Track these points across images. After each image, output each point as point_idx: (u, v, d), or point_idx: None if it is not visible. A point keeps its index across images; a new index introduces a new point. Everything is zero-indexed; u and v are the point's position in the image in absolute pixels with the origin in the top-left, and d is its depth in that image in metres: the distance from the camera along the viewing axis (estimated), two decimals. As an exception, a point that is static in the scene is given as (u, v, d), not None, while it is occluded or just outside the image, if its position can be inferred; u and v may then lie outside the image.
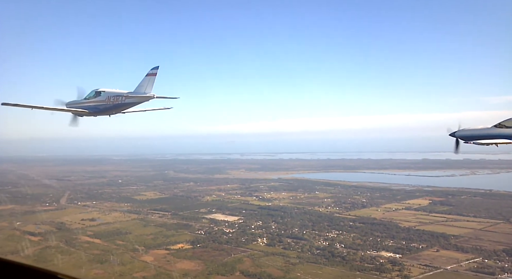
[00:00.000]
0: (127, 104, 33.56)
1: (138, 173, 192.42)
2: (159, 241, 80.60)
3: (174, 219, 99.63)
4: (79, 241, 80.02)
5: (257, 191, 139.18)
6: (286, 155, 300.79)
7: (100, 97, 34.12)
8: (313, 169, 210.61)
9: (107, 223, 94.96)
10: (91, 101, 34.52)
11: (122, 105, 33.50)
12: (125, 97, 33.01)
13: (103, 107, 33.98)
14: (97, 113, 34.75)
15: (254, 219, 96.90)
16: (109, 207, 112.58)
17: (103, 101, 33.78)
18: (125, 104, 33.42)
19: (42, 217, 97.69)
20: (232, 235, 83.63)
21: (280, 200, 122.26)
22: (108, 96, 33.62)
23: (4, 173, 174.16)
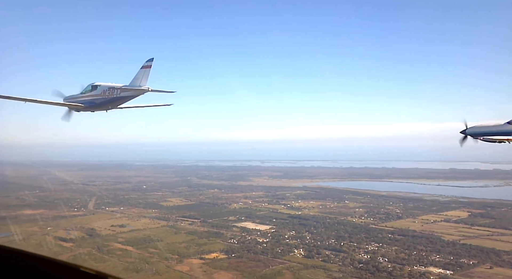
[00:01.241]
0: (122, 98, 32.72)
1: (161, 179, 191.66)
2: (192, 250, 78.27)
3: (204, 227, 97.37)
4: (111, 248, 78.38)
5: (284, 199, 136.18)
6: (307, 163, 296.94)
7: (96, 91, 33.48)
8: (337, 178, 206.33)
9: (137, 229, 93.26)
10: (87, 95, 33.89)
11: (117, 99, 32.76)
12: (120, 90, 32.25)
13: (99, 101, 33.29)
14: (93, 108, 34.02)
15: (286, 229, 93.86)
16: (137, 213, 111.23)
17: (99, 95, 33.17)
18: (120, 97, 32.64)
19: (72, 223, 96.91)
20: (266, 245, 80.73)
21: (309, 209, 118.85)
22: (104, 90, 33.00)
23: (31, 178, 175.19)
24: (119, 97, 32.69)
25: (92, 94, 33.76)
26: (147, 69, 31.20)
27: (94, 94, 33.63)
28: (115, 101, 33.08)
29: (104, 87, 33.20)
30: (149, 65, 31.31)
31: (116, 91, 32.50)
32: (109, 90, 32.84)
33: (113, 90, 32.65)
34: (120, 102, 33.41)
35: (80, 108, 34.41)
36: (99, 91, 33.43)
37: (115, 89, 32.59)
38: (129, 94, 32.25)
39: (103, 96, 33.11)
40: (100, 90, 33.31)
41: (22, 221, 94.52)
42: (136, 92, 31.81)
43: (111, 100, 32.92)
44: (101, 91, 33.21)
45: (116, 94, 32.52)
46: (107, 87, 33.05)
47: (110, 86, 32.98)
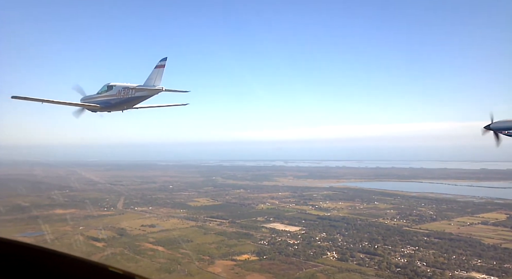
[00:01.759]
0: (137, 98, 32.73)
1: (187, 179, 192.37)
2: (223, 251, 77.53)
3: (232, 228, 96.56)
4: (142, 248, 78.44)
5: (311, 199, 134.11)
6: (332, 163, 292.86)
7: (112, 91, 33.59)
8: (364, 178, 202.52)
9: (166, 230, 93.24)
10: (103, 96, 34.07)
11: (132, 99, 32.82)
12: (135, 90, 32.34)
13: (114, 101, 33.43)
14: (109, 108, 34.17)
15: (317, 230, 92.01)
16: (165, 213, 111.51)
17: (114, 95, 33.30)
18: (135, 97, 32.67)
19: (103, 222, 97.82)
20: (298, 247, 79.12)
21: (338, 210, 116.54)
22: (119, 90, 33.12)
23: (60, 178, 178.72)
24: (134, 97, 32.73)
25: (107, 95, 33.88)
26: (161, 69, 31.17)
27: (109, 94, 33.76)
28: (130, 101, 33.12)
29: (119, 87, 33.29)
30: (162, 64, 31.26)
31: (131, 91, 32.59)
32: (124, 90, 32.92)
33: (128, 90, 32.74)
34: (135, 102, 33.39)
35: (96, 108, 34.53)
36: (114, 91, 33.53)
37: (129, 89, 32.66)
38: (143, 94, 32.24)
39: (118, 96, 33.21)
40: (116, 90, 33.41)
41: (54, 220, 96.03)
42: (150, 92, 31.73)
43: (126, 100, 33.02)
44: (117, 91, 33.32)
45: (131, 94, 32.62)
46: (122, 87, 33.14)
47: (124, 86, 33.07)
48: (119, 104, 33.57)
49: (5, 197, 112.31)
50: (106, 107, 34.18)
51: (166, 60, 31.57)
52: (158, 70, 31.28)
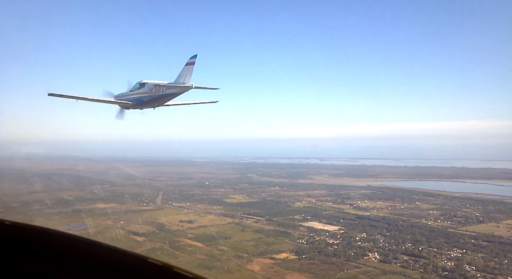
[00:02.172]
0: (168, 95, 32.96)
1: (222, 175, 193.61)
2: (261, 249, 76.98)
3: (270, 225, 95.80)
4: (182, 244, 79.24)
5: (349, 198, 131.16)
6: (368, 161, 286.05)
7: (143, 89, 34.14)
8: (403, 177, 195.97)
9: (204, 226, 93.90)
10: (135, 93, 34.60)
11: (163, 96, 33.10)
12: (166, 87, 32.73)
13: (146, 98, 33.87)
14: (141, 105, 34.62)
15: (356, 230, 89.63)
16: (203, 209, 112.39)
17: (146, 93, 33.82)
18: (166, 95, 32.92)
19: (142, 217, 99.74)
20: (337, 247, 77.31)
21: (378, 209, 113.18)
22: (150, 88, 33.65)
23: (101, 173, 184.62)
24: (165, 95, 32.95)
25: (140, 92, 34.31)
26: (191, 66, 31.24)
27: (141, 92, 34.19)
28: (161, 98, 33.39)
29: (151, 84, 33.78)
30: (192, 61, 31.33)
31: (162, 89, 32.95)
32: (155, 87, 33.33)
33: (159, 88, 33.14)
34: (166, 99, 33.57)
35: (129, 105, 35.01)
36: (146, 88, 34.00)
37: (160, 86, 33.08)
38: (174, 91, 32.46)
39: (150, 93, 33.62)
40: (147, 88, 33.91)
41: (96, 214, 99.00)
42: (180, 89, 31.95)
43: (158, 97, 33.32)
44: (148, 89, 33.80)
45: (162, 91, 32.92)
46: (153, 84, 33.63)
47: (156, 83, 33.54)
48: (151, 102, 33.88)
49: (50, 191, 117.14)
50: (138, 104, 34.58)
51: (196, 57, 31.61)
52: (188, 68, 31.35)
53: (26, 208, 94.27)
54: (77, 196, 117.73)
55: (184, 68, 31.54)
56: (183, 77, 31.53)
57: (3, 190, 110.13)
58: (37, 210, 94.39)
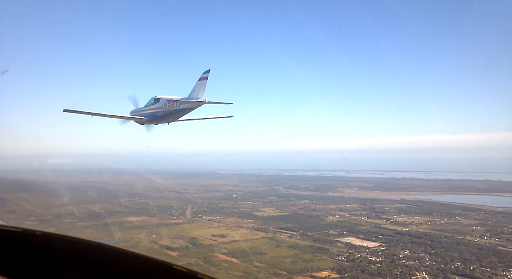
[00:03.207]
0: (182, 110, 33.05)
1: (249, 188, 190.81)
2: (299, 266, 73.35)
3: (305, 241, 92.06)
4: (217, 260, 76.49)
5: (383, 213, 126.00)
6: (398, 174, 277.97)
7: (158, 104, 34.29)
8: (437, 190, 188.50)
9: (237, 240, 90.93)
10: (150, 108, 34.92)
11: (177, 111, 33.19)
12: (179, 102, 32.82)
13: (160, 114, 34.07)
14: (156, 121, 34.82)
15: (398, 247, 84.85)
16: (233, 223, 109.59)
17: (160, 108, 34.01)
18: (180, 110, 33.02)
19: (174, 231, 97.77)
20: (381, 265, 72.90)
21: (417, 225, 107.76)
22: (164, 103, 33.76)
23: (127, 184, 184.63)
24: (179, 110, 33.05)
25: (154, 107, 34.51)
26: (204, 81, 31.30)
27: (156, 107, 34.37)
28: (175, 113, 33.47)
29: (165, 100, 33.87)
30: (205, 76, 31.32)
31: (176, 104, 33.03)
32: (169, 102, 33.42)
33: (172, 103, 33.22)
34: (180, 114, 33.59)
35: (144, 121, 35.15)
36: (160, 104, 34.11)
37: (174, 101, 33.16)
38: (187, 106, 32.60)
39: (164, 108, 33.76)
40: (162, 103, 34.02)
41: (127, 228, 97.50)
42: (194, 104, 32.09)
43: (172, 112, 33.44)
44: (162, 104, 33.93)
45: (176, 106, 33.03)
46: (167, 99, 33.72)
47: (170, 98, 33.66)
48: (165, 117, 33.98)
49: (80, 203, 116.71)
50: (153, 119, 34.73)
51: (209, 72, 31.45)
52: (202, 82, 31.35)
53: (58, 221, 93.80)
54: (107, 209, 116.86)
55: (197, 83, 31.52)
56: (197, 92, 31.54)
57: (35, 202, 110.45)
58: (69, 223, 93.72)
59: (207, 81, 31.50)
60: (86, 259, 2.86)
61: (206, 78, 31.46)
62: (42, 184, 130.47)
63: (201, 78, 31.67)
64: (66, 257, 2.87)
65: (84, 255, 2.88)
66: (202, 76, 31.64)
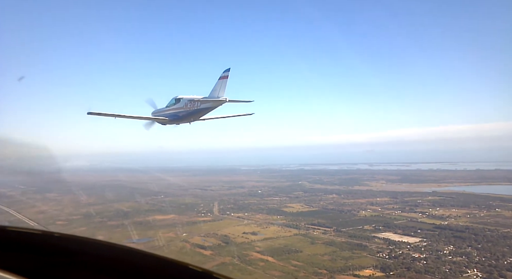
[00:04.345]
0: (203, 110, 32.99)
1: (273, 183, 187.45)
2: (339, 264, 69.85)
3: (340, 237, 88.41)
4: (252, 258, 73.60)
5: (417, 206, 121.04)
6: (423, 165, 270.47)
7: (179, 104, 34.22)
8: (468, 181, 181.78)
9: (270, 238, 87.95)
10: (171, 109, 34.85)
11: (198, 111, 33.16)
12: (200, 102, 32.76)
13: (182, 114, 34.05)
14: (177, 121, 34.80)
15: (441, 242, 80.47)
16: (263, 220, 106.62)
17: (182, 108, 33.98)
18: (201, 109, 32.97)
19: (204, 229, 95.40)
20: (427, 262, 68.81)
21: (455, 218, 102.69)
22: (185, 103, 33.71)
23: (150, 183, 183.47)
24: (200, 109, 32.95)
25: (175, 107, 34.48)
26: (224, 80, 31.07)
27: (177, 107, 34.34)
28: (196, 113, 33.40)
29: (186, 100, 33.86)
30: (226, 75, 31.11)
31: (197, 104, 32.96)
32: (190, 102, 33.37)
33: (193, 103, 33.17)
34: (201, 114, 33.49)
35: (165, 121, 35.18)
36: (181, 104, 34.06)
37: (195, 101, 33.09)
38: (208, 105, 32.46)
39: (185, 108, 33.74)
40: (183, 103, 33.98)
41: (157, 226, 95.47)
42: (214, 103, 31.98)
43: (193, 112, 33.39)
44: (184, 104, 33.88)
45: (197, 106, 32.97)
46: (188, 99, 33.70)
47: (191, 98, 33.61)
48: (186, 117, 34.02)
49: (107, 203, 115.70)
50: (175, 119, 34.74)
51: (229, 71, 31.31)
52: (222, 81, 31.11)
53: (88, 220, 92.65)
54: (134, 208, 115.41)
55: (218, 82, 31.30)
56: (217, 91, 31.36)
57: (62, 203, 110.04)
58: (99, 222, 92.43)
59: (228, 80, 31.24)
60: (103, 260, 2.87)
61: (227, 77, 31.20)
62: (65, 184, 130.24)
63: (221, 77, 31.32)
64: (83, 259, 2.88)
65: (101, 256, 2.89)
66: (222, 75, 31.29)
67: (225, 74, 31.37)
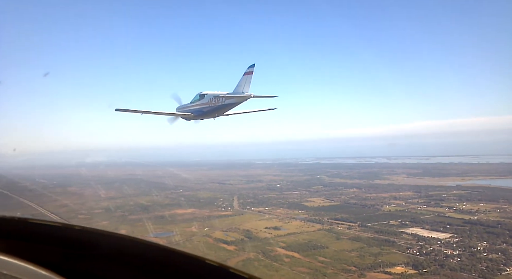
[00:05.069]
0: (227, 105, 33.33)
1: (291, 177, 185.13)
2: (368, 261, 67.42)
3: (366, 232, 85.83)
4: (277, 254, 71.70)
5: (442, 200, 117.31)
6: (443, 159, 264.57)
7: (204, 100, 34.75)
8: (493, 175, 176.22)
9: (293, 233, 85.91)
10: (196, 104, 35.29)
11: (223, 106, 33.50)
12: (225, 98, 33.10)
13: (206, 109, 34.45)
14: (202, 116, 35.21)
15: (473, 238, 77.18)
16: (284, 214, 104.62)
17: (206, 104, 34.42)
18: (225, 105, 33.31)
19: (225, 223, 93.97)
20: (461, 259, 65.84)
21: (485, 213, 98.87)
22: (210, 98, 34.15)
23: (168, 177, 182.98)
24: (224, 105, 33.32)
25: (200, 103, 34.93)
26: (249, 75, 31.29)
27: (202, 103, 34.80)
28: (221, 108, 33.79)
29: (211, 95, 34.28)
30: (251, 71, 31.32)
31: (221, 99, 33.35)
32: (215, 98, 33.80)
33: (218, 98, 33.58)
34: (226, 109, 33.92)
35: (190, 117, 35.56)
36: (206, 99, 34.55)
37: (220, 97, 33.49)
38: (233, 101, 32.83)
39: (210, 104, 34.16)
40: (207, 99, 34.45)
41: (178, 220, 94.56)
42: (239, 99, 32.29)
43: (217, 108, 33.78)
44: (208, 100, 34.34)
45: (222, 102, 33.35)
46: (213, 95, 34.11)
47: (215, 94, 34.00)
48: (211, 112, 34.41)
49: (127, 197, 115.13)
50: (199, 115, 35.11)
51: (254, 66, 31.47)
52: (247, 77, 31.34)
53: (109, 214, 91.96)
54: (154, 202, 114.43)
55: (243, 78, 31.56)
56: (242, 86, 31.55)
57: (84, 196, 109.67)
58: (120, 216, 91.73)
59: (252, 76, 31.39)
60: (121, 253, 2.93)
61: (251, 73, 31.41)
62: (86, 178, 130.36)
63: (246, 72, 31.56)
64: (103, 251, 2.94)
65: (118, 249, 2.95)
66: (247, 70, 31.48)
67: (249, 70, 31.53)
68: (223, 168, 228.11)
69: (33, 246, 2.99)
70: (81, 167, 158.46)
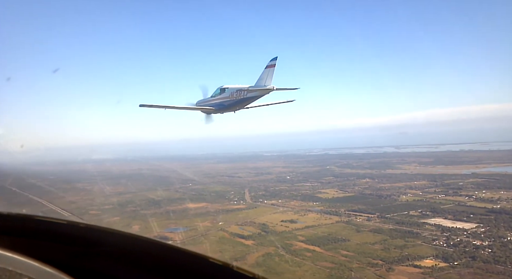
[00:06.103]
0: (249, 99, 33.19)
1: (301, 169, 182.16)
2: (394, 254, 64.37)
3: (387, 224, 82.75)
4: (297, 248, 68.79)
5: (460, 189, 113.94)
6: (453, 147, 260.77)
7: (225, 94, 34.56)
8: (506, 162, 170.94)
9: (311, 226, 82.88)
10: (216, 98, 35.15)
11: (245, 100, 33.36)
12: (247, 91, 32.87)
13: (227, 103, 34.24)
14: (223, 110, 35.00)
15: (501, 228, 73.83)
16: (299, 207, 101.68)
17: (227, 97, 34.24)
18: (247, 98, 33.17)
19: (239, 217, 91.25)
20: (493, 250, 62.64)
21: (508, 201, 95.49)
22: (232, 92, 33.91)
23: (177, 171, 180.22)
24: (246, 98, 33.16)
25: (221, 97, 34.74)
26: (271, 69, 31.06)
27: (223, 97, 34.59)
28: (242, 102, 33.65)
29: (232, 89, 34.05)
30: (273, 64, 31.12)
31: (243, 93, 33.08)
32: (237, 92, 33.53)
33: (240, 92, 33.29)
34: (247, 102, 33.75)
35: (211, 111, 35.36)
36: (227, 93, 34.31)
37: (242, 90, 33.20)
38: (255, 94, 32.60)
39: (231, 98, 33.90)
40: (229, 93, 34.18)
41: (190, 215, 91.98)
42: (261, 92, 32.03)
43: (239, 101, 33.58)
44: (230, 94, 34.05)
45: (243, 95, 33.10)
46: (235, 89, 33.85)
47: (237, 88, 33.74)
48: (232, 106, 34.19)
49: (137, 192, 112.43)
50: (220, 109, 34.92)
51: (277, 59, 31.25)
52: (269, 70, 31.04)
53: (121, 210, 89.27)
54: (165, 196, 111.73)
55: (265, 71, 31.29)
56: (264, 79, 31.27)
57: (93, 192, 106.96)
58: (132, 211, 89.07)
59: (275, 69, 31.07)
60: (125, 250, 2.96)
61: (274, 66, 31.11)
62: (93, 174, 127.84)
63: (268, 65, 31.27)
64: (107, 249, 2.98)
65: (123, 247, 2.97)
66: (269, 63, 31.23)
67: (272, 63, 31.21)
68: (231, 161, 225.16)
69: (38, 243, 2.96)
70: (88, 163, 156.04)
